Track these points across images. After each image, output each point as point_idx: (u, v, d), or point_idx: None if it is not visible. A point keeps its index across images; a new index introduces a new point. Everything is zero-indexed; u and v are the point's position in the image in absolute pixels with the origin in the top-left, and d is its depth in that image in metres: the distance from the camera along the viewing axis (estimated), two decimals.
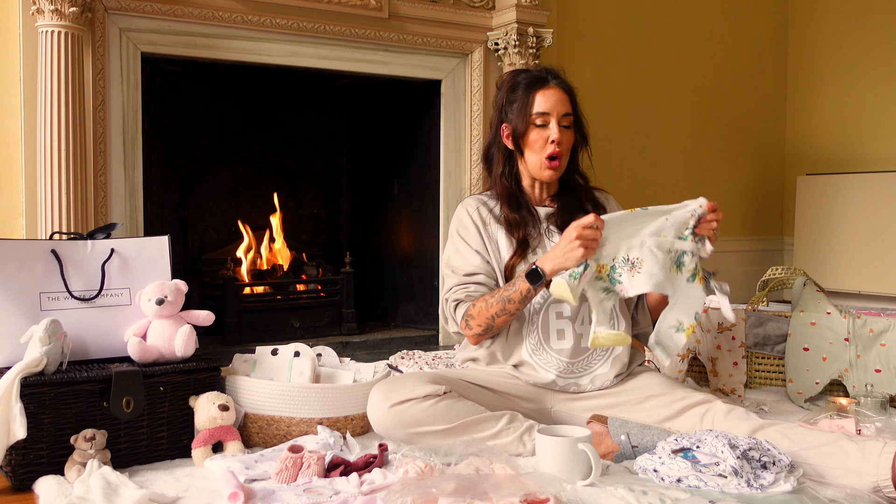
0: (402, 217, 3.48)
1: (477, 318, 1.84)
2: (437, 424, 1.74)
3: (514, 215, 1.93)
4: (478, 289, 1.89)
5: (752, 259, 4.63)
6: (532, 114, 1.90)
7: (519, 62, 3.11)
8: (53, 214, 2.34)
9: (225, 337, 2.98)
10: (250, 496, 1.45)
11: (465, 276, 1.91)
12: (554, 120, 1.89)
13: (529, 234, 1.93)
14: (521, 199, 1.97)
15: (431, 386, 1.77)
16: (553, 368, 1.87)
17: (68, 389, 1.65)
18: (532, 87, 1.91)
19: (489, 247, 1.93)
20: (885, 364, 2.27)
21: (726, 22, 4.48)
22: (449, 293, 1.92)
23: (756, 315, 2.47)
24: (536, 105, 1.90)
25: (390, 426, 1.76)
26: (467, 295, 1.89)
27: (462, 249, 1.94)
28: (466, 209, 1.99)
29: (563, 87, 1.93)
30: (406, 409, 1.75)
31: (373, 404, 1.80)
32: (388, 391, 1.79)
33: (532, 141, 1.91)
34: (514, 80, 1.96)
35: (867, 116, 4.36)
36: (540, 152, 1.90)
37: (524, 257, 1.90)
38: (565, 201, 1.98)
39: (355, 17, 2.93)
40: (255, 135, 3.45)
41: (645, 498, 1.45)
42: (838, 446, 1.56)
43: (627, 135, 4.11)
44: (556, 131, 1.88)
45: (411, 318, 3.41)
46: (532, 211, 1.96)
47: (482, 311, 1.83)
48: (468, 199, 2.03)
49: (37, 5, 2.33)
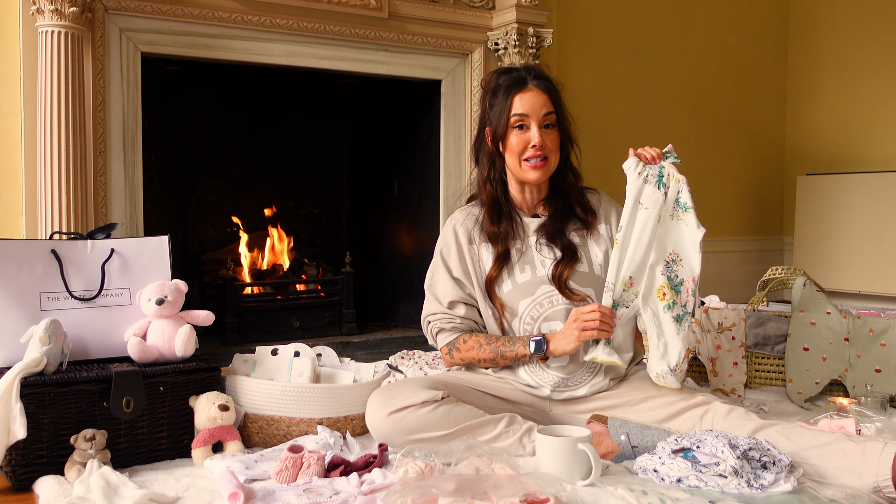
0: (402, 217, 3.48)
1: (464, 354, 1.88)
2: (436, 430, 1.73)
3: (494, 228, 1.90)
4: (463, 322, 1.90)
5: (752, 259, 4.63)
6: (511, 116, 1.86)
7: (519, 62, 3.11)
8: (53, 214, 2.34)
9: (225, 337, 2.98)
10: (250, 496, 1.45)
11: (448, 307, 1.90)
12: (534, 123, 1.85)
13: (512, 245, 1.90)
14: (504, 207, 1.93)
15: (429, 392, 1.77)
16: (548, 384, 1.86)
17: (68, 389, 1.65)
18: (511, 89, 1.87)
19: (474, 268, 1.91)
20: (885, 364, 2.27)
21: (726, 22, 4.48)
22: (432, 318, 1.93)
23: (756, 315, 2.47)
24: (515, 108, 1.85)
25: (389, 433, 1.76)
26: (453, 327, 1.90)
27: (441, 277, 1.93)
28: (454, 226, 1.95)
29: (543, 88, 1.88)
30: (404, 416, 1.75)
31: (371, 412, 1.80)
32: (386, 398, 1.78)
33: (513, 145, 1.86)
34: (495, 83, 1.92)
35: (867, 116, 4.36)
36: (521, 156, 1.86)
37: (505, 270, 1.88)
38: (555, 208, 1.94)
39: (355, 17, 2.93)
40: (255, 135, 3.45)
41: (645, 498, 1.45)
42: (838, 446, 1.56)
43: (627, 135, 4.10)
44: (537, 135, 1.84)
45: (411, 318, 3.41)
46: (517, 220, 1.93)
47: (472, 352, 1.87)
48: (457, 214, 1.99)
49: (37, 5, 2.33)
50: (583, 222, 1.93)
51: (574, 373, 1.86)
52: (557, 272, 1.85)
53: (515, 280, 1.88)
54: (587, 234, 1.93)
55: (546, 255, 1.89)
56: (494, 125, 1.89)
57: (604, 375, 1.88)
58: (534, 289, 1.86)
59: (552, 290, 1.86)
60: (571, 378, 1.86)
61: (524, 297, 1.86)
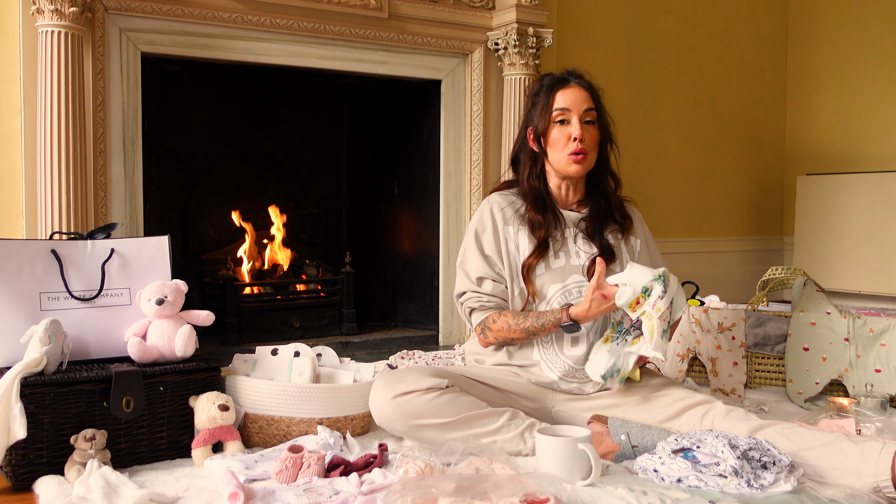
0: (402, 217, 3.48)
1: (496, 333, 1.90)
2: (438, 417, 1.74)
3: (538, 216, 1.94)
4: (491, 300, 1.92)
5: (752, 259, 4.63)
6: (553, 111, 1.91)
7: (519, 62, 3.11)
8: (53, 214, 2.34)
9: (225, 337, 2.98)
10: (250, 496, 1.45)
11: (476, 283, 1.93)
12: (575, 116, 1.90)
13: (551, 235, 1.93)
14: (547, 200, 1.97)
15: (434, 379, 1.78)
16: (558, 370, 1.88)
17: (68, 389, 1.65)
18: (553, 87, 1.94)
19: (507, 247, 1.93)
20: (885, 364, 2.27)
21: (726, 22, 4.47)
22: (463, 298, 1.96)
23: (756, 315, 2.47)
24: (557, 103, 1.92)
25: (391, 417, 1.77)
26: (481, 306, 1.92)
27: (472, 254, 1.95)
28: (491, 206, 1.99)
29: (584, 86, 1.95)
30: (408, 400, 1.76)
31: (375, 395, 1.81)
32: (391, 383, 1.80)
33: (554, 139, 1.92)
34: (538, 85, 1.99)
35: (867, 116, 4.36)
36: (563, 149, 1.91)
37: (542, 258, 1.91)
38: (596, 208, 1.98)
39: (355, 17, 2.93)
40: (255, 135, 3.45)
41: (645, 498, 1.45)
42: (838, 447, 1.56)
43: (627, 135, 4.09)
44: (578, 127, 1.89)
45: (411, 318, 3.41)
46: (558, 214, 1.96)
47: (503, 331, 1.88)
48: (494, 196, 2.02)
49: (37, 5, 2.33)
50: (620, 226, 1.99)
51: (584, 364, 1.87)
52: (592, 267, 1.87)
53: (550, 265, 1.91)
54: (622, 239, 1.98)
55: (582, 248, 1.93)
56: (536, 122, 1.95)
57: None
58: (566, 276, 1.90)
59: (583, 280, 1.90)
60: (581, 371, 1.87)
61: (555, 282, 1.89)
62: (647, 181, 4.15)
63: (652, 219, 4.13)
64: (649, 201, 4.15)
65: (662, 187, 4.25)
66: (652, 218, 4.13)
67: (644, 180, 4.14)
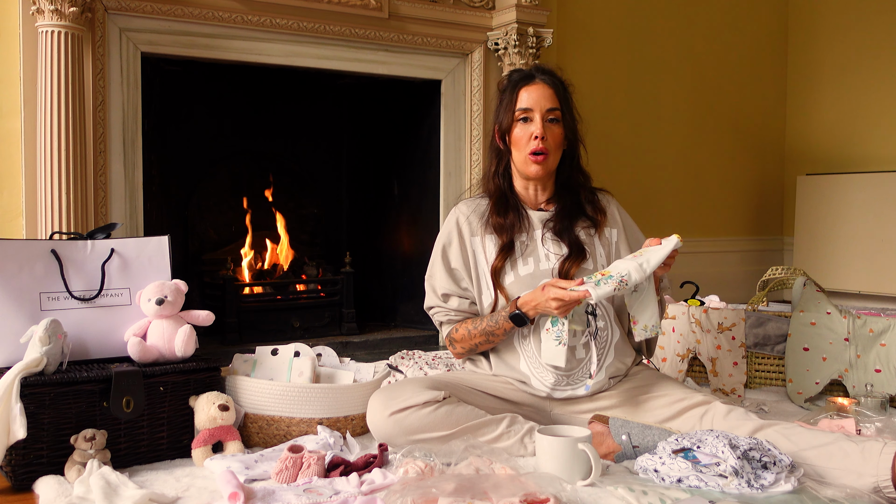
0: (402, 217, 3.48)
1: (461, 343, 1.92)
2: (437, 431, 1.74)
3: (500, 219, 1.92)
4: (457, 314, 1.94)
5: (752, 259, 4.63)
6: (516, 109, 1.89)
7: (519, 62, 3.11)
8: (53, 214, 2.34)
9: (225, 337, 2.98)
10: (250, 496, 1.45)
11: (441, 299, 1.94)
12: (538, 115, 1.88)
13: (517, 237, 1.91)
14: (511, 199, 1.95)
15: (430, 392, 1.77)
16: (548, 381, 1.85)
17: (68, 389, 1.65)
18: (518, 84, 1.91)
19: (475, 259, 1.93)
20: (885, 364, 2.27)
21: (726, 22, 4.48)
22: (432, 313, 1.98)
23: (756, 315, 2.47)
24: (520, 101, 1.89)
25: (391, 434, 1.76)
26: (448, 319, 1.95)
27: (438, 269, 1.95)
28: (457, 217, 1.97)
29: (549, 83, 1.91)
30: (406, 416, 1.75)
31: (372, 413, 1.80)
32: (387, 399, 1.78)
33: (517, 137, 1.90)
34: (506, 81, 1.97)
35: (867, 116, 4.36)
36: (524, 148, 1.89)
37: (509, 259, 1.89)
38: (564, 205, 1.95)
39: (355, 17, 2.93)
40: (255, 135, 3.45)
41: (645, 498, 1.45)
42: (838, 447, 1.56)
43: (627, 135, 4.11)
44: (539, 126, 1.87)
45: (411, 318, 3.41)
46: (523, 213, 1.94)
47: (465, 339, 1.90)
48: (461, 206, 2.01)
49: (37, 5, 2.33)
50: (592, 221, 1.95)
51: (572, 371, 1.85)
52: (564, 269, 1.86)
53: (518, 272, 1.88)
54: (595, 234, 1.94)
55: (551, 250, 1.90)
56: (501, 119, 1.93)
57: (604, 374, 1.88)
58: (536, 282, 1.85)
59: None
60: (571, 376, 1.85)
61: (525, 289, 1.85)
62: (647, 181, 4.15)
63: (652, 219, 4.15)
64: (649, 201, 4.16)
65: (662, 187, 4.25)
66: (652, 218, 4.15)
67: (644, 180, 4.14)
